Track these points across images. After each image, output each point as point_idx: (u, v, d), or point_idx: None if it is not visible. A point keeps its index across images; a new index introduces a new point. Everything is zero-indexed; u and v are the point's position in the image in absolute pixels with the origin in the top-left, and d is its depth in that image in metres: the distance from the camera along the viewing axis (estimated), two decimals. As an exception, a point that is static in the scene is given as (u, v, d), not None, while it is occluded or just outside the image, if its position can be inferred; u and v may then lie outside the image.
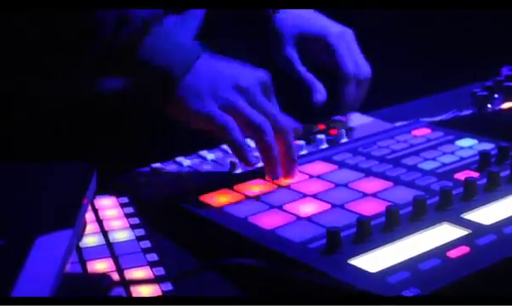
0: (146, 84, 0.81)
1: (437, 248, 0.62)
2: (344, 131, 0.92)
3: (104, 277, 0.58)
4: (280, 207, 0.73)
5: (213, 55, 0.84)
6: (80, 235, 0.61)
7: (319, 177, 0.80)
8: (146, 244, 0.69)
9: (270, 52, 1.00)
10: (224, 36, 1.07)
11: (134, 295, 0.60)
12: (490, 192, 0.72)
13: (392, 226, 0.66)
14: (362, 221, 0.65)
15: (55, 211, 0.57)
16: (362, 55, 0.96)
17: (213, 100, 0.80)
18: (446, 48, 1.91)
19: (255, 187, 0.78)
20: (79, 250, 0.67)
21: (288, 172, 0.80)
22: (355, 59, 0.94)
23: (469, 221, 0.67)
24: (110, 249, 0.68)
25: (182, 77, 0.80)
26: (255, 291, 0.62)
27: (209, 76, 0.81)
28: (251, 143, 0.86)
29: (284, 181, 0.79)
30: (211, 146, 0.89)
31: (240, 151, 0.79)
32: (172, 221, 0.75)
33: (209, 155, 0.88)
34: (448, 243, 0.63)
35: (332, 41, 0.94)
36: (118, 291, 0.60)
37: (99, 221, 0.73)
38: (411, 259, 0.61)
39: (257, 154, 0.81)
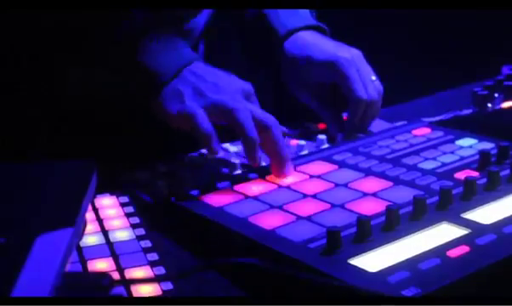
0: (132, 83, 0.84)
1: (437, 248, 0.62)
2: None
3: (104, 276, 0.58)
4: (280, 207, 0.73)
5: (203, 63, 0.86)
6: (80, 234, 0.61)
7: (319, 177, 0.80)
8: (146, 243, 0.69)
9: (281, 76, 1.01)
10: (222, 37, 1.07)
11: (135, 294, 0.60)
12: (490, 192, 0.72)
13: (392, 226, 0.66)
14: (362, 221, 0.65)
15: (55, 210, 0.57)
16: (373, 76, 0.96)
17: (192, 101, 0.82)
18: (446, 48, 1.91)
19: (255, 187, 0.78)
20: (79, 249, 0.67)
21: (279, 170, 0.80)
22: (364, 83, 0.94)
23: (469, 220, 0.67)
24: (110, 248, 0.68)
25: (168, 83, 0.83)
26: (255, 291, 0.62)
27: (193, 81, 0.83)
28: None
29: (278, 179, 0.79)
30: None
31: (205, 138, 0.80)
32: (172, 221, 0.75)
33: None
34: (448, 243, 0.63)
35: (341, 67, 0.93)
36: (118, 291, 0.60)
37: (100, 220, 0.73)
38: (411, 259, 0.61)
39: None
